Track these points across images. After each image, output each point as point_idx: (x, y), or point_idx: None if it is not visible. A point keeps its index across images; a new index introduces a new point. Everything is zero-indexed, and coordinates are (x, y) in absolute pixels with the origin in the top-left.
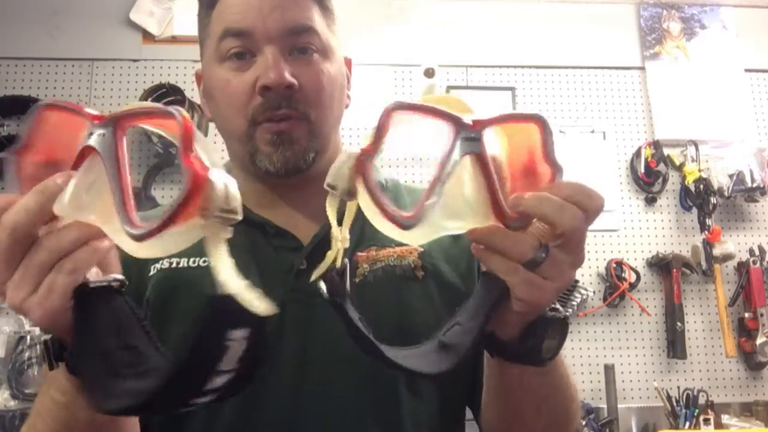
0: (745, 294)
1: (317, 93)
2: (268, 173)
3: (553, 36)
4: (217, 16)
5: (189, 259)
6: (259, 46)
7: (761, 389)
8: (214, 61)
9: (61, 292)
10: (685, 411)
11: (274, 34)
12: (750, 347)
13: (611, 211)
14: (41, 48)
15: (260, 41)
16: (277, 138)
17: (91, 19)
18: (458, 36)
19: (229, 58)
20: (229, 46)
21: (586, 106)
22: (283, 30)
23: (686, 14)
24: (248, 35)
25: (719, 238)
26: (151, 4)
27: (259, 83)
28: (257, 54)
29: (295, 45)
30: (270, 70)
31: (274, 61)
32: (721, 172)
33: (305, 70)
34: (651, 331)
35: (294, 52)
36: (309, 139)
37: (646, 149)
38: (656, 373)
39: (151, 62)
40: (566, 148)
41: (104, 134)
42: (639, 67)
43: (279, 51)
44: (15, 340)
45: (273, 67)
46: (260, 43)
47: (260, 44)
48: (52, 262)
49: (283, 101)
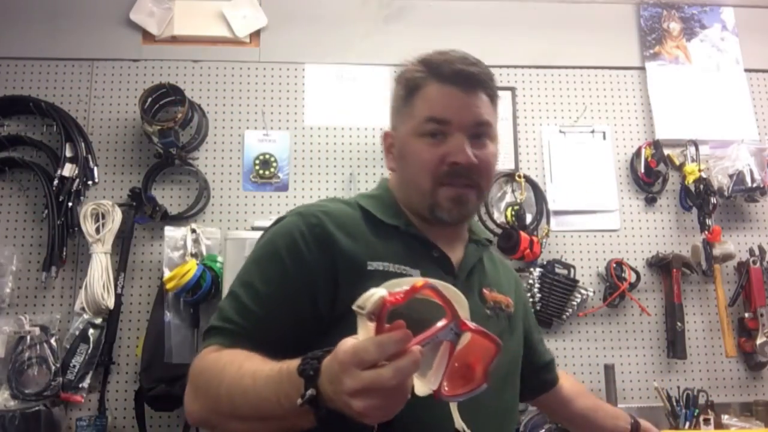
0: (745, 294)
1: (488, 169)
2: (441, 221)
3: (553, 36)
4: (421, 102)
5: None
6: (450, 131)
7: (761, 389)
8: (414, 134)
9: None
10: (685, 411)
11: (465, 125)
12: (750, 347)
13: (611, 211)
14: (41, 48)
15: (453, 128)
16: (457, 197)
17: (91, 19)
18: (458, 36)
19: (427, 135)
20: (430, 128)
21: (586, 106)
22: (472, 123)
23: (686, 14)
24: (446, 122)
25: (719, 238)
26: (151, 4)
27: (452, 159)
28: (448, 136)
29: (476, 133)
30: (461, 153)
31: (463, 145)
32: (721, 172)
33: (481, 153)
34: (651, 331)
35: (474, 137)
36: (477, 200)
37: (646, 149)
38: (656, 373)
39: (151, 62)
40: (566, 148)
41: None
42: (639, 67)
43: (466, 137)
44: (15, 340)
45: (463, 149)
46: (452, 129)
47: (452, 130)
48: None
49: (465, 173)
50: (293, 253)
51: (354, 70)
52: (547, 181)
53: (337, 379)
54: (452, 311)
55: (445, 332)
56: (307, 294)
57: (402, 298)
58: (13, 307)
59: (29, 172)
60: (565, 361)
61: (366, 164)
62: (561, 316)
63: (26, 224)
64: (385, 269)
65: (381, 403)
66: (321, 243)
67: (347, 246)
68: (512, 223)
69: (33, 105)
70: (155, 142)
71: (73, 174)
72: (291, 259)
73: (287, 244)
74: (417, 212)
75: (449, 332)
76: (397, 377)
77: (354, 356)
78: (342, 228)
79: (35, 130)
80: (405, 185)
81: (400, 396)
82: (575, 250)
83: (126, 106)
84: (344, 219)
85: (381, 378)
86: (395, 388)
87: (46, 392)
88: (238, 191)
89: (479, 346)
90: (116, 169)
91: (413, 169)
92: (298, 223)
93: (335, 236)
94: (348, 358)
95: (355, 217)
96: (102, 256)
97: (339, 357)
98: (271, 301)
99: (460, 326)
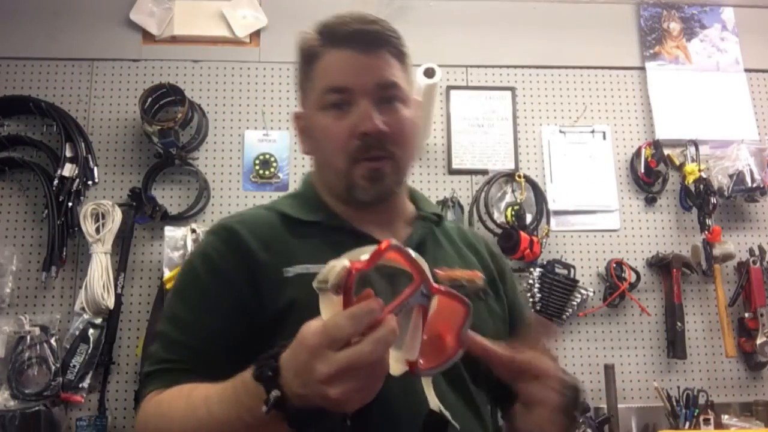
0: (745, 294)
1: (402, 136)
2: (361, 202)
3: (553, 36)
4: (319, 72)
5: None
6: (355, 99)
7: (761, 389)
8: (317, 108)
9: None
10: (685, 411)
11: (368, 89)
12: (750, 347)
13: (611, 211)
14: (41, 48)
15: (356, 95)
16: (372, 174)
17: (91, 19)
18: (458, 36)
19: (330, 107)
20: (331, 99)
21: (586, 106)
22: (375, 86)
23: (686, 14)
24: (347, 90)
25: (719, 238)
26: (151, 4)
27: (359, 129)
28: (353, 105)
29: (383, 97)
30: (368, 120)
31: (369, 112)
32: (721, 172)
33: (392, 118)
34: (651, 331)
35: (383, 102)
36: (395, 173)
37: (646, 149)
38: (656, 373)
39: (151, 62)
40: (566, 148)
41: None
42: (639, 67)
43: (371, 103)
44: (15, 340)
45: (369, 117)
46: (356, 97)
47: (356, 97)
48: None
49: (376, 143)
50: (210, 270)
51: None
52: (547, 181)
53: (306, 369)
54: (420, 273)
55: (416, 296)
56: (235, 306)
57: (367, 264)
58: (13, 307)
59: (29, 172)
60: (565, 361)
61: None
62: (561, 316)
63: (26, 224)
64: (306, 271)
65: (360, 384)
66: (236, 252)
67: (262, 256)
68: (512, 223)
69: (33, 105)
70: (155, 142)
71: (73, 174)
72: (210, 277)
73: (203, 263)
74: (340, 197)
75: (420, 296)
76: (377, 350)
77: (325, 336)
78: (257, 237)
79: (35, 130)
80: (321, 169)
81: (379, 372)
82: (575, 250)
83: (126, 106)
84: (259, 226)
85: (360, 354)
86: (374, 365)
87: (46, 392)
88: (238, 191)
89: (448, 311)
90: (116, 169)
91: (324, 149)
92: (212, 239)
93: (249, 246)
94: (318, 339)
95: (272, 222)
96: (102, 256)
97: (307, 342)
98: (200, 326)
99: (430, 288)
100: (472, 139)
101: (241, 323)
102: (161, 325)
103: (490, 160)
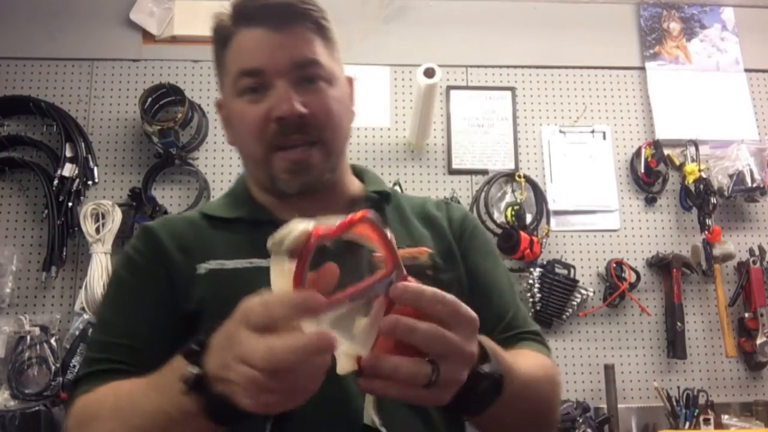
0: (745, 294)
1: (327, 117)
2: (286, 194)
3: (553, 36)
4: (231, 56)
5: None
6: (271, 81)
7: (761, 389)
8: (233, 95)
9: None
10: (685, 411)
11: (283, 69)
12: (750, 347)
13: (611, 211)
14: (41, 48)
15: (271, 77)
16: (294, 166)
17: (91, 19)
18: (458, 36)
19: (245, 92)
20: (245, 83)
21: (586, 106)
22: (291, 65)
23: (686, 14)
24: (260, 73)
25: (719, 238)
26: (151, 4)
27: (274, 114)
28: (269, 87)
29: (303, 76)
30: (283, 102)
31: (285, 94)
32: (721, 172)
33: (314, 98)
34: (651, 331)
35: (302, 82)
36: (324, 160)
37: (646, 149)
38: (656, 373)
39: (151, 62)
40: (566, 148)
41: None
42: (639, 67)
43: (289, 84)
44: (15, 340)
45: (285, 98)
46: (272, 78)
47: (272, 79)
48: None
49: (296, 128)
50: (131, 270)
51: (353, 70)
52: (547, 181)
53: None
54: (394, 257)
55: (384, 283)
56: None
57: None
58: (13, 307)
59: (29, 172)
60: (565, 361)
61: (365, 164)
62: (561, 316)
63: (26, 224)
64: (220, 267)
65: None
66: (153, 252)
67: (177, 256)
68: (512, 223)
69: (33, 105)
70: (155, 142)
71: (73, 174)
72: (131, 276)
73: (125, 266)
74: (265, 188)
75: (387, 284)
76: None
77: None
78: (174, 237)
79: (35, 130)
80: (245, 160)
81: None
82: (575, 250)
83: (126, 106)
84: (179, 228)
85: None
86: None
87: (46, 392)
88: None
89: None
90: (116, 169)
91: (242, 137)
92: (133, 242)
93: (165, 246)
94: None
95: (195, 223)
96: (102, 256)
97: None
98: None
99: (401, 277)
100: (472, 139)
101: (167, 318)
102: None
103: (490, 160)
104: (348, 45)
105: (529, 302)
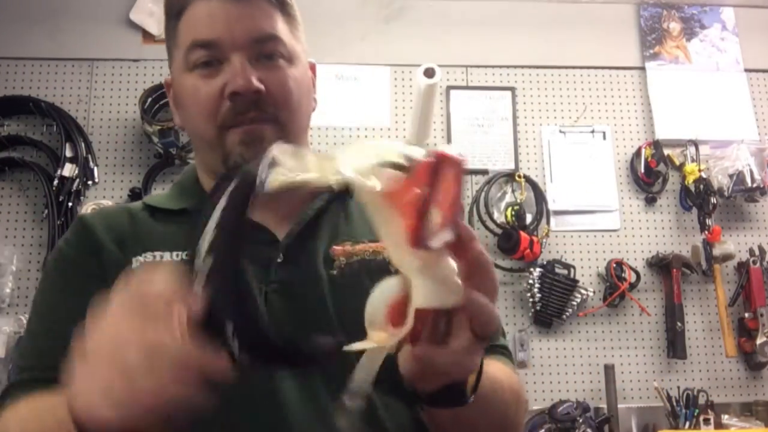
0: (745, 294)
1: (285, 96)
2: None
3: (553, 36)
4: (184, 27)
5: (172, 252)
6: (226, 55)
7: (761, 389)
8: (183, 70)
9: None
10: (685, 411)
11: (241, 42)
12: (750, 347)
13: (611, 211)
14: (41, 48)
15: (227, 50)
16: (247, 137)
17: (91, 19)
18: (458, 36)
19: (198, 66)
20: (197, 56)
21: (586, 106)
22: (249, 38)
23: (686, 14)
24: (216, 45)
25: (719, 238)
26: (151, 4)
27: (228, 89)
28: (224, 62)
29: (261, 52)
30: (238, 77)
31: (241, 68)
32: (721, 172)
33: (272, 75)
34: (651, 331)
35: (260, 58)
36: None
37: (646, 149)
38: (656, 373)
39: (151, 62)
40: (566, 148)
41: None
42: (639, 67)
43: (246, 58)
44: (15, 340)
45: (241, 73)
46: (227, 52)
47: (227, 53)
48: None
49: (252, 106)
50: (60, 263)
51: (353, 70)
52: (547, 181)
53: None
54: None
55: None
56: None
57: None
58: (13, 307)
59: (29, 172)
60: (565, 361)
61: None
62: (561, 316)
63: (26, 224)
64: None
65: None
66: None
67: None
68: (512, 223)
69: (33, 105)
70: (155, 142)
71: (73, 174)
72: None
73: (54, 261)
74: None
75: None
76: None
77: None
78: (110, 229)
79: (35, 130)
80: (194, 143)
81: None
82: (575, 250)
83: (126, 106)
84: (117, 219)
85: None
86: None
87: None
88: None
89: None
90: (116, 169)
91: (192, 117)
92: (66, 235)
93: (100, 238)
94: None
95: (135, 215)
96: None
97: None
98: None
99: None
100: (472, 139)
101: None
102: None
103: (490, 160)
104: (348, 45)
105: (529, 302)
